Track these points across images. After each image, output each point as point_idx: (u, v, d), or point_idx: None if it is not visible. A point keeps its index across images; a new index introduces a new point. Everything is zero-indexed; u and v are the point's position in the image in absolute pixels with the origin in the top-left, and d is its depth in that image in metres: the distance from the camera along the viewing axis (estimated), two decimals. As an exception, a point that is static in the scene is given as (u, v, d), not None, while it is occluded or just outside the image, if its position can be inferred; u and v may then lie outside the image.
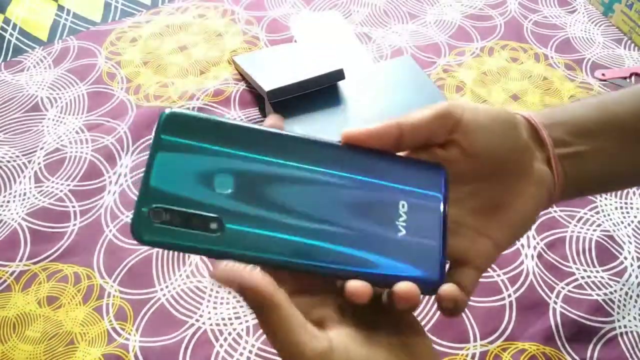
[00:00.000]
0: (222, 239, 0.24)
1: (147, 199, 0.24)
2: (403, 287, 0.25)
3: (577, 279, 0.52)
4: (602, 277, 0.52)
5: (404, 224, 0.27)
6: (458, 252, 0.29)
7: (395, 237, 0.26)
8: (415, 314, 0.49)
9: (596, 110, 0.32)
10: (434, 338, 0.48)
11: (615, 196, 0.58)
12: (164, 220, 0.23)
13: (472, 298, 0.50)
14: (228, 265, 0.23)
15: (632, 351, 0.47)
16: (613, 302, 0.50)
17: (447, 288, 0.27)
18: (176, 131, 0.25)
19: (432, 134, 0.28)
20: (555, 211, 0.56)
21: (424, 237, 0.27)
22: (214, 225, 0.24)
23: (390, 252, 0.26)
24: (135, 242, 0.54)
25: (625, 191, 0.58)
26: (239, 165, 0.25)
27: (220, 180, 0.25)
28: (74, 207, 0.57)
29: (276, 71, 0.63)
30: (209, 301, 0.50)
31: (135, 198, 0.24)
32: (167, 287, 0.51)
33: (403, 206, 0.27)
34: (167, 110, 0.25)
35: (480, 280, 0.53)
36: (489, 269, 0.52)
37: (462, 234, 0.30)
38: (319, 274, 0.25)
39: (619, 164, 0.32)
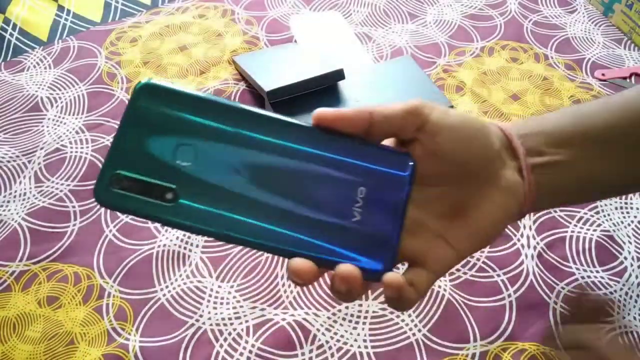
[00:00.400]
0: (175, 210, 0.25)
1: (112, 165, 0.25)
2: (342, 269, 0.26)
3: (577, 279, 0.52)
4: (602, 277, 0.52)
5: (359, 209, 0.27)
6: (415, 253, 0.29)
7: (348, 222, 0.27)
8: (415, 314, 0.49)
9: (573, 119, 0.32)
10: (433, 338, 0.48)
11: (615, 196, 0.58)
12: (123, 186, 0.25)
13: (472, 298, 0.50)
14: None
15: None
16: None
17: (391, 276, 0.26)
18: (149, 101, 0.26)
19: (401, 128, 0.28)
20: (555, 211, 0.56)
21: (377, 225, 0.27)
22: (169, 196, 0.25)
23: (338, 237, 0.26)
24: (135, 241, 0.54)
25: (625, 191, 0.58)
26: (203, 138, 0.26)
27: (183, 152, 0.25)
28: (74, 207, 0.57)
29: (276, 71, 0.63)
30: (209, 301, 0.50)
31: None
32: (167, 287, 0.51)
33: (361, 192, 0.27)
34: (144, 80, 0.26)
35: (481, 280, 0.53)
36: (487, 269, 0.52)
37: (421, 235, 0.29)
38: (264, 251, 0.26)
39: (595, 175, 0.32)
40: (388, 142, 0.30)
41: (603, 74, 0.70)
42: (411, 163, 0.28)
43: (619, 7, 0.76)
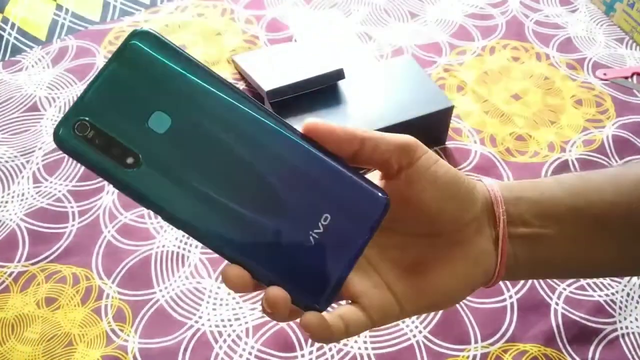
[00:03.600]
0: (133, 176, 0.23)
1: (80, 108, 0.23)
2: (271, 292, 0.24)
3: (578, 280, 0.51)
4: (603, 278, 0.51)
5: (316, 236, 0.25)
6: (357, 293, 0.27)
7: (300, 245, 0.25)
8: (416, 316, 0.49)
9: (571, 194, 0.29)
10: (434, 339, 0.48)
11: (617, 196, 0.57)
12: (87, 136, 0.23)
13: (473, 299, 0.50)
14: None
15: (633, 352, 0.47)
16: (614, 303, 0.50)
17: (309, 318, 0.24)
18: (141, 53, 0.23)
19: (387, 162, 0.26)
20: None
21: (327, 258, 0.25)
22: (130, 160, 0.23)
23: (285, 256, 0.25)
24: (134, 242, 0.54)
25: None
26: (183, 110, 0.24)
27: (157, 118, 0.24)
28: (72, 207, 0.57)
29: (276, 71, 0.62)
30: (208, 302, 0.50)
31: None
32: (166, 288, 0.51)
33: (325, 219, 0.25)
34: (141, 28, 0.24)
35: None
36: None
37: (370, 279, 0.27)
38: (206, 245, 0.25)
39: (583, 255, 0.30)
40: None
41: (605, 74, 0.69)
42: (384, 203, 0.26)
43: (621, 7, 0.75)
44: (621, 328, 0.48)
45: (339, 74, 0.59)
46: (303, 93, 0.59)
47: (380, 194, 0.26)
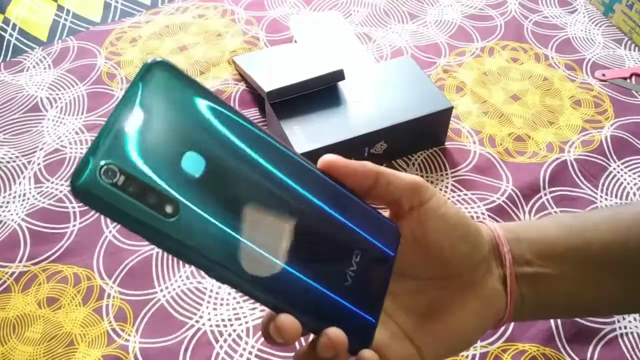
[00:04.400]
0: (173, 226, 0.20)
1: (105, 151, 0.19)
2: (333, 332, 0.23)
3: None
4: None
5: (352, 274, 0.25)
6: (376, 344, 0.26)
7: (342, 284, 0.24)
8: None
9: (569, 233, 0.30)
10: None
11: (615, 197, 0.57)
12: (115, 183, 0.19)
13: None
14: None
15: (632, 352, 0.47)
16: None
17: (369, 356, 0.24)
18: (161, 86, 0.21)
19: (398, 200, 0.27)
20: (555, 212, 0.56)
21: (364, 296, 0.25)
22: (169, 209, 0.20)
23: (333, 299, 0.24)
24: (135, 242, 0.54)
25: (626, 192, 0.58)
26: (215, 151, 0.22)
27: (191, 160, 0.21)
28: (73, 207, 0.57)
29: (276, 71, 0.63)
30: (209, 302, 0.50)
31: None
32: (167, 288, 0.51)
33: (357, 256, 0.25)
34: (160, 58, 0.21)
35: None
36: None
37: (386, 328, 0.27)
38: (256, 299, 0.23)
39: (584, 294, 0.30)
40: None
41: (603, 74, 0.70)
42: (398, 230, 0.26)
43: (620, 7, 0.76)
44: (620, 328, 0.48)
45: (339, 75, 0.60)
46: (303, 94, 0.59)
47: (391, 222, 0.26)
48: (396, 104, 0.59)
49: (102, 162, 0.19)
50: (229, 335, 0.48)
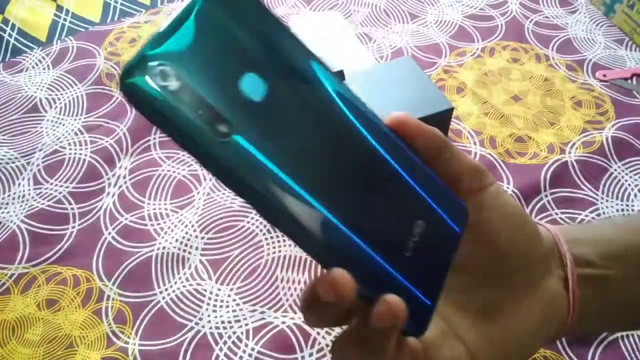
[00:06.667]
0: (224, 148, 0.18)
1: (163, 51, 0.17)
2: (391, 298, 0.20)
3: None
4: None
5: (413, 245, 0.22)
6: (424, 342, 0.24)
7: (401, 255, 0.22)
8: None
9: (627, 232, 0.28)
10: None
11: (616, 198, 0.57)
12: (167, 87, 0.17)
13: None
14: None
15: (633, 354, 0.47)
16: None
17: (415, 346, 0.22)
18: (229, 4, 0.19)
19: (458, 179, 0.24)
20: (556, 213, 0.56)
21: (425, 272, 0.22)
22: (223, 128, 0.18)
23: (390, 266, 0.22)
24: (134, 244, 0.54)
25: (627, 193, 0.58)
26: (280, 78, 0.20)
27: (251, 82, 0.19)
28: (72, 209, 0.57)
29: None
30: (208, 304, 0.50)
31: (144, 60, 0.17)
32: (166, 290, 0.51)
33: (420, 226, 0.23)
34: None
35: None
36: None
37: (435, 325, 0.25)
38: (301, 246, 0.20)
39: None
40: None
41: (604, 75, 0.69)
42: (466, 212, 0.24)
43: (621, 8, 0.75)
44: (620, 330, 0.48)
45: (339, 75, 0.59)
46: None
47: (461, 200, 0.24)
48: (396, 104, 0.59)
49: (158, 62, 0.17)
50: (229, 337, 0.48)
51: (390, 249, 0.22)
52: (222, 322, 0.49)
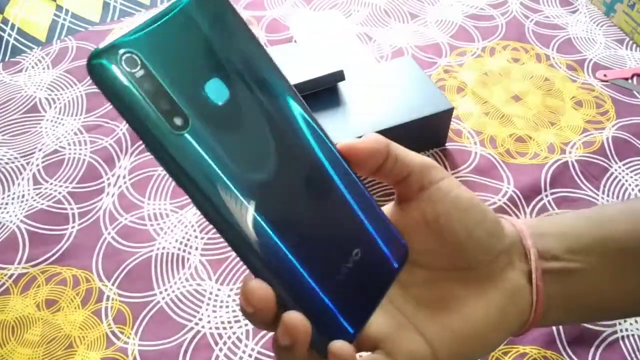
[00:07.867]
0: (176, 141, 0.19)
1: (134, 40, 0.19)
2: (291, 317, 0.21)
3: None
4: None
5: (346, 270, 0.23)
6: (379, 335, 0.24)
7: (331, 277, 0.23)
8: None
9: (592, 225, 0.28)
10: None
11: (617, 198, 0.57)
12: (133, 73, 0.18)
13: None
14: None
15: (633, 355, 0.47)
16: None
17: (340, 345, 0.22)
18: (210, 6, 0.21)
19: (406, 179, 0.25)
20: (557, 213, 0.56)
21: (352, 299, 0.23)
22: (178, 121, 0.19)
23: (317, 285, 0.22)
24: (134, 244, 0.54)
25: (627, 193, 0.58)
26: (243, 87, 0.21)
27: (215, 86, 0.20)
28: (72, 209, 0.57)
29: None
30: (208, 304, 0.50)
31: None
32: (166, 290, 0.51)
33: (357, 254, 0.23)
34: None
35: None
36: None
37: (393, 319, 0.25)
38: (234, 248, 0.21)
39: (614, 287, 0.28)
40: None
41: (605, 75, 0.69)
42: (407, 248, 0.25)
43: (621, 7, 0.75)
44: (621, 330, 0.48)
45: (339, 76, 0.59)
46: (303, 94, 0.59)
47: (401, 236, 0.25)
48: (397, 104, 0.59)
49: (127, 49, 0.19)
50: (229, 337, 0.48)
51: (322, 269, 0.22)
52: (222, 322, 0.49)
